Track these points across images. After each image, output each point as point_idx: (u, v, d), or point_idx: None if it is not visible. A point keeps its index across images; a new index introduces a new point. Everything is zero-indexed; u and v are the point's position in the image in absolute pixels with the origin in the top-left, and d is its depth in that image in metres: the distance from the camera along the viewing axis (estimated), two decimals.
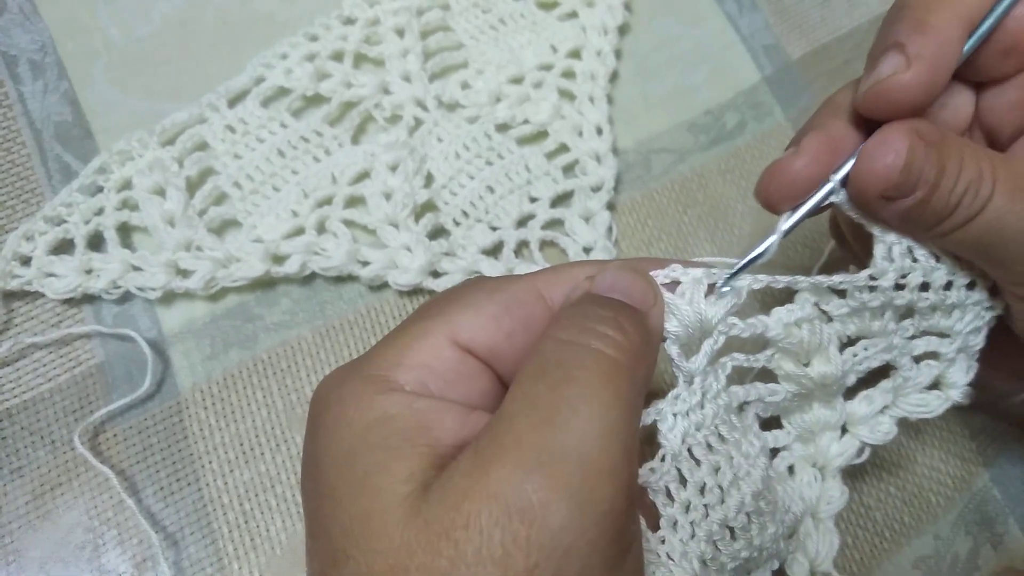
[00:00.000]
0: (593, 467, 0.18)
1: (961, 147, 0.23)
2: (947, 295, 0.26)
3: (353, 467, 0.19)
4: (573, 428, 0.18)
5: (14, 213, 0.35)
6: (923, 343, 0.27)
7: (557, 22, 0.42)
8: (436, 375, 0.21)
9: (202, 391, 0.34)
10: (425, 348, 0.21)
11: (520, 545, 0.17)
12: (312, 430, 0.22)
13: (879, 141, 0.23)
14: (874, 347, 0.26)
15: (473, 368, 0.22)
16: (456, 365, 0.21)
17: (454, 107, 0.39)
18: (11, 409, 0.32)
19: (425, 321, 0.22)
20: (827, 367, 0.26)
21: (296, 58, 0.38)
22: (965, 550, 0.36)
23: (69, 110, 0.37)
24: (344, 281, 0.36)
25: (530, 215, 0.38)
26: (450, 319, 0.22)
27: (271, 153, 0.37)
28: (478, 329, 0.22)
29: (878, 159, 0.23)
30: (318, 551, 0.20)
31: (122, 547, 0.31)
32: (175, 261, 0.34)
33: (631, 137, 0.40)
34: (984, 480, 0.37)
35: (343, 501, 0.19)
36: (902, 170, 0.23)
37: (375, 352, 0.22)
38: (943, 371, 0.28)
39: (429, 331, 0.22)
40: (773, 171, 0.25)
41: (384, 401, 0.20)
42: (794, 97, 0.42)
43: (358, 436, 0.20)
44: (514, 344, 0.22)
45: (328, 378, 0.22)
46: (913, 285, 0.25)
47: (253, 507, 0.32)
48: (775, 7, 0.44)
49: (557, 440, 0.18)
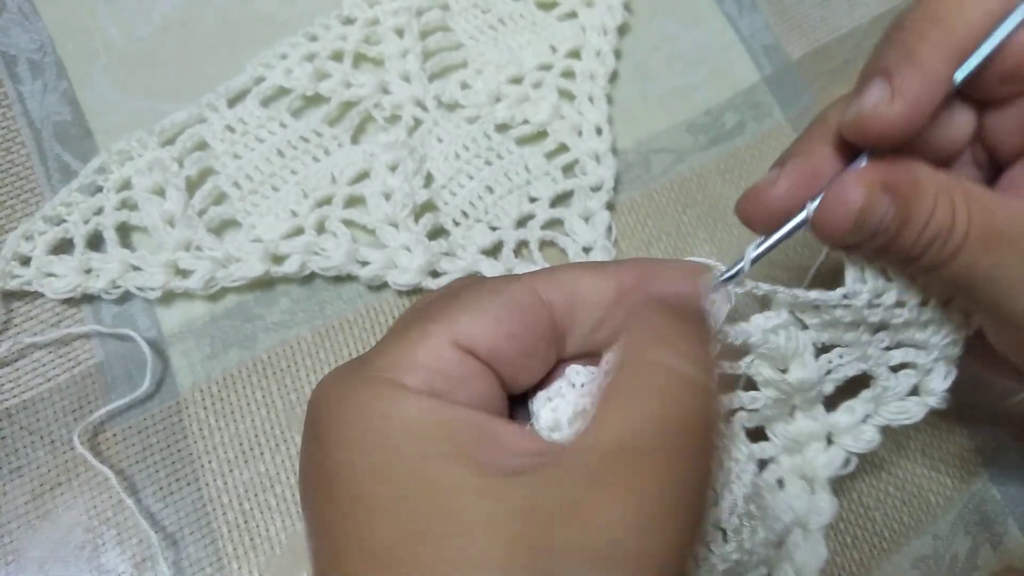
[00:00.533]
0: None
1: (936, 193, 0.23)
2: (923, 311, 0.26)
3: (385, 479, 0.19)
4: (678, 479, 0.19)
5: (13, 213, 0.35)
6: (900, 354, 0.27)
7: (556, 22, 0.41)
8: (442, 376, 0.21)
9: (201, 391, 0.34)
10: (427, 349, 0.21)
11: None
12: (317, 436, 0.21)
13: (835, 192, 0.23)
14: (849, 355, 0.27)
15: (475, 369, 0.22)
16: (458, 367, 0.21)
17: (454, 107, 0.39)
18: (10, 409, 0.32)
19: (425, 322, 0.22)
20: (804, 373, 0.26)
21: (296, 58, 0.38)
22: (964, 550, 0.36)
23: (68, 110, 0.37)
24: (343, 281, 0.36)
25: (529, 215, 0.38)
26: (451, 320, 0.22)
27: (271, 153, 0.37)
28: (479, 331, 0.21)
29: (832, 210, 0.23)
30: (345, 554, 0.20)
31: (121, 547, 0.31)
32: (174, 261, 0.34)
33: (630, 137, 0.40)
34: (983, 480, 0.37)
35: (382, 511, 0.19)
36: (855, 222, 0.23)
37: (376, 354, 0.22)
38: (921, 379, 0.28)
39: (430, 332, 0.21)
40: (753, 194, 0.25)
41: (403, 408, 0.20)
42: (794, 97, 0.42)
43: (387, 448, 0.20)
44: (514, 346, 0.22)
45: (329, 382, 0.22)
46: (887, 304, 0.25)
47: (252, 507, 0.32)
48: (775, 7, 0.44)
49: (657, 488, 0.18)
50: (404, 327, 0.22)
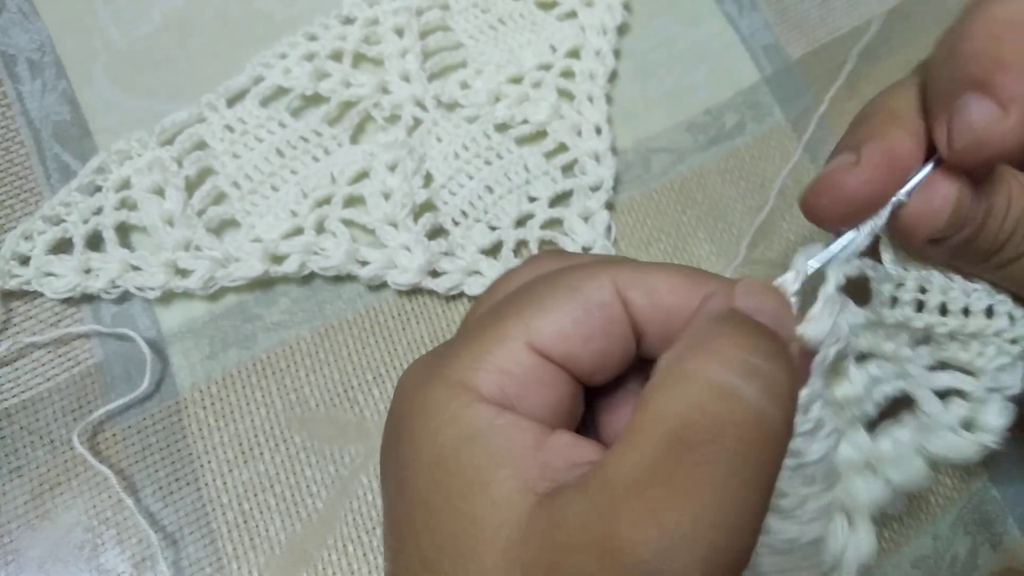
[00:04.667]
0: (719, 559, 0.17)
1: (1009, 179, 0.23)
2: (966, 322, 0.24)
3: (442, 484, 0.19)
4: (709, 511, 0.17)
5: (13, 212, 0.35)
6: (947, 377, 0.25)
7: (556, 22, 0.41)
8: (515, 380, 0.20)
9: (201, 391, 0.34)
10: (503, 353, 0.21)
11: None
12: (398, 429, 0.21)
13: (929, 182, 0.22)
14: (887, 369, 0.24)
15: (550, 373, 0.21)
16: (534, 371, 0.21)
17: (453, 107, 0.39)
18: (10, 409, 0.32)
19: (502, 323, 0.21)
20: (848, 386, 0.24)
21: (295, 58, 0.38)
22: (964, 550, 0.36)
23: (68, 109, 0.37)
24: (343, 281, 0.36)
25: (529, 215, 0.38)
26: (527, 322, 0.21)
27: (270, 153, 0.37)
28: (556, 334, 0.21)
29: (929, 201, 0.22)
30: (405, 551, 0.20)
31: (121, 547, 0.31)
32: (174, 261, 0.34)
33: (630, 137, 0.40)
34: (983, 480, 0.37)
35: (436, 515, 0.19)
36: (952, 211, 0.22)
37: (455, 352, 0.21)
38: (975, 412, 0.25)
39: (507, 335, 0.21)
40: (827, 184, 0.23)
41: (469, 415, 0.20)
42: (794, 97, 0.42)
43: (448, 453, 0.20)
44: (591, 348, 0.21)
45: (413, 374, 0.22)
46: (932, 306, 0.24)
47: (252, 507, 0.32)
48: (775, 7, 0.44)
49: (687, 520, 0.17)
50: (482, 326, 0.22)
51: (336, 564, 0.32)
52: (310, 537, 0.32)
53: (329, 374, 0.35)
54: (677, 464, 0.17)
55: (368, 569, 0.32)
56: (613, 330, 0.21)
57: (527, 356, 0.21)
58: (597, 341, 0.21)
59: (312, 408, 0.34)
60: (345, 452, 0.34)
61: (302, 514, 0.33)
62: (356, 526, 0.33)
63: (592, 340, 0.21)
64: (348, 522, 0.33)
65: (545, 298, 0.21)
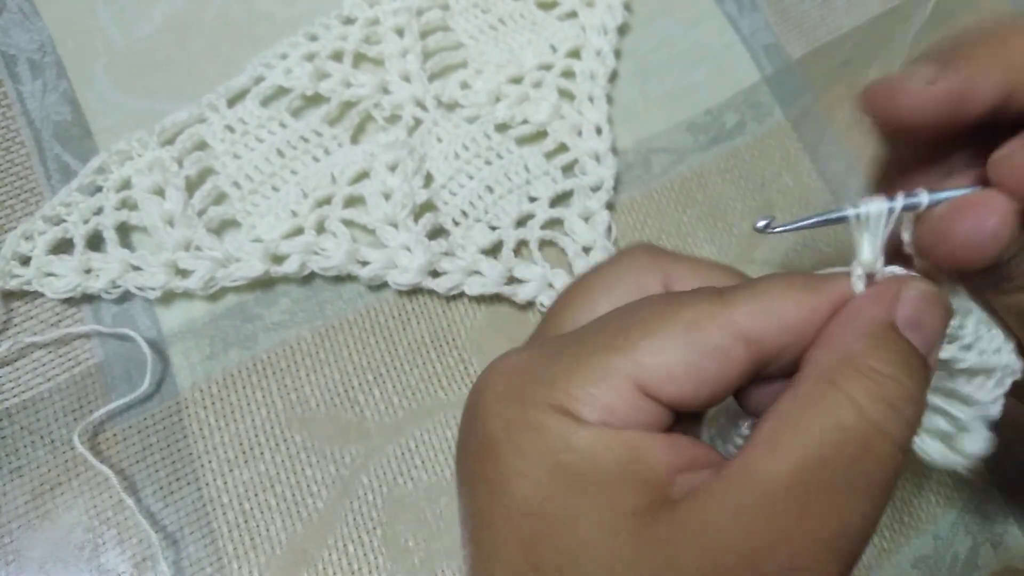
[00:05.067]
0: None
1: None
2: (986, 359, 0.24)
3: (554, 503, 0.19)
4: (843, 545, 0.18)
5: (13, 213, 0.35)
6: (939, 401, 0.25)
7: (557, 22, 0.41)
8: (617, 417, 0.19)
9: (201, 391, 0.34)
10: (607, 389, 0.19)
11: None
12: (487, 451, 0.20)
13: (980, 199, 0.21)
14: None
15: (655, 413, 0.20)
16: (637, 412, 0.20)
17: (453, 107, 0.39)
18: (10, 409, 0.32)
19: (608, 355, 0.20)
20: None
21: (296, 58, 0.38)
22: (965, 550, 0.36)
23: (68, 110, 0.37)
24: (343, 281, 0.36)
25: (529, 215, 0.38)
26: (637, 359, 0.19)
27: (270, 153, 0.37)
28: (667, 378, 0.19)
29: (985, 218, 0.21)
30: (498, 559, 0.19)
31: (121, 547, 0.31)
32: (174, 261, 0.34)
33: (630, 137, 0.40)
34: (983, 480, 0.37)
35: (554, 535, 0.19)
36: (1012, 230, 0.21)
37: (551, 377, 0.20)
38: (956, 435, 0.25)
39: (613, 369, 0.19)
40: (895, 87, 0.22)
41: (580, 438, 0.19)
42: (794, 97, 0.42)
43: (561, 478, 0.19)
44: (700, 395, 0.20)
45: (500, 390, 0.21)
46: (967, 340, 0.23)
47: (252, 507, 0.32)
48: (775, 7, 0.44)
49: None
50: (585, 352, 0.20)
51: (336, 564, 0.32)
52: (310, 537, 0.32)
53: (330, 374, 0.35)
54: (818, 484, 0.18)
55: (368, 569, 0.32)
56: (729, 372, 0.20)
57: (633, 395, 0.19)
58: (710, 386, 0.20)
59: (312, 408, 0.34)
60: (346, 452, 0.34)
61: (303, 514, 0.33)
62: (356, 526, 0.33)
63: (705, 385, 0.20)
64: (348, 522, 0.33)
65: (657, 333, 0.20)
